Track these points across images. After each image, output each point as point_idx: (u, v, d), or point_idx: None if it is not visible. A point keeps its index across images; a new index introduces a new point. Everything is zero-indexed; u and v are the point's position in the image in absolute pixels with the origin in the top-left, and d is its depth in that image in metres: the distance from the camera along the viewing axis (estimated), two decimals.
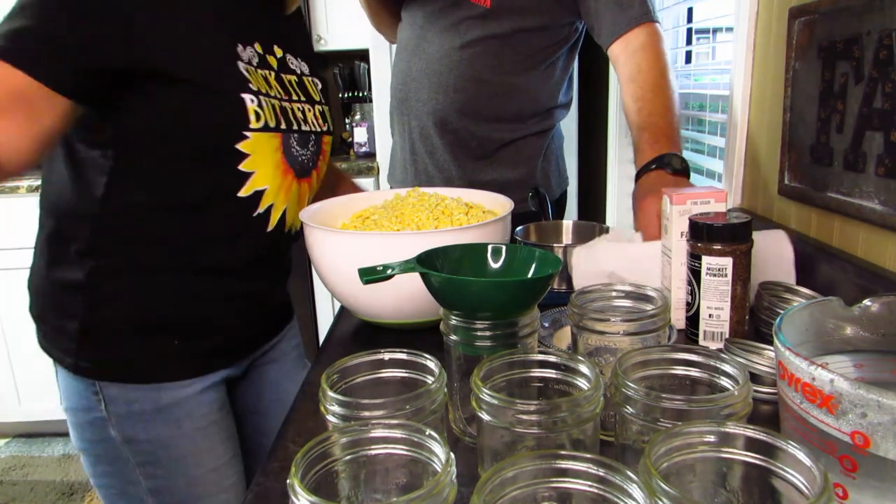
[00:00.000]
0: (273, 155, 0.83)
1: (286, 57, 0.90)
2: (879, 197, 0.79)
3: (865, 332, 0.57)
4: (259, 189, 0.83)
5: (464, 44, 1.20)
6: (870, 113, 0.79)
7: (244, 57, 0.81)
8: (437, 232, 0.83)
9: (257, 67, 0.83)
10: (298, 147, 0.88)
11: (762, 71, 1.10)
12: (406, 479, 0.44)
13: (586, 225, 1.15)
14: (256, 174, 0.82)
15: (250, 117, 0.78)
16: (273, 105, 0.82)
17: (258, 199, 0.84)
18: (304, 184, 0.92)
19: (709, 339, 0.77)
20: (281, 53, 0.89)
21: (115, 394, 0.82)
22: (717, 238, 0.74)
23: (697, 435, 0.41)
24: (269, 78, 0.84)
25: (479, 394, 0.47)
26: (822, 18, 0.88)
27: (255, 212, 0.84)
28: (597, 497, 0.37)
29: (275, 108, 0.82)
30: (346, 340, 0.90)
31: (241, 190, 0.81)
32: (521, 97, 1.25)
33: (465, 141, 1.27)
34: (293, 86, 0.90)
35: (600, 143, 2.24)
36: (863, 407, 0.41)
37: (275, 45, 0.88)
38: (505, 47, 1.21)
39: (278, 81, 0.86)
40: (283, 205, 0.88)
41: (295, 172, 0.89)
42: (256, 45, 0.84)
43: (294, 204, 0.91)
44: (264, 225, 0.86)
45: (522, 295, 0.57)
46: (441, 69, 1.23)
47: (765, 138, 1.09)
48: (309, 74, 0.95)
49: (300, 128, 0.88)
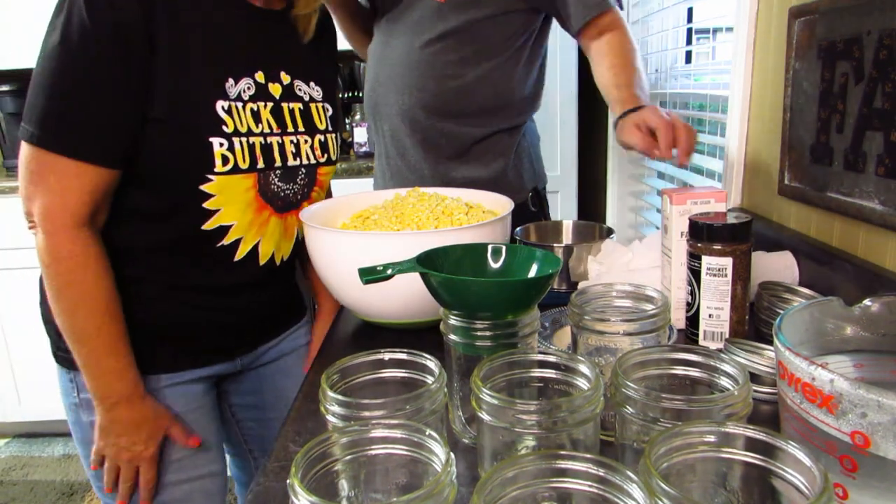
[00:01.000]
0: (243, 194, 0.83)
1: (294, 83, 0.90)
2: (879, 197, 0.79)
3: (865, 332, 0.57)
4: (225, 225, 0.84)
5: (423, 43, 1.23)
6: (870, 113, 0.79)
7: (231, 93, 0.81)
8: (437, 232, 0.83)
9: (249, 101, 0.82)
10: (281, 182, 0.88)
11: (762, 71, 1.10)
12: (406, 479, 0.44)
13: (586, 225, 1.15)
14: (222, 211, 0.82)
15: (216, 161, 0.78)
16: (253, 144, 0.82)
17: (224, 232, 0.84)
18: (291, 216, 0.92)
19: (709, 339, 0.77)
20: (288, 80, 0.89)
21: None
22: (717, 238, 0.74)
23: (697, 435, 0.41)
24: (260, 112, 0.84)
25: (479, 394, 0.47)
26: (822, 18, 0.88)
27: (219, 243, 0.84)
28: (597, 497, 0.37)
29: (253, 148, 0.82)
30: (346, 340, 0.90)
31: (205, 224, 0.82)
32: (483, 91, 1.27)
33: (434, 140, 1.30)
34: (293, 116, 0.89)
35: (600, 143, 2.24)
36: (863, 407, 0.41)
37: (282, 71, 0.88)
38: (462, 41, 1.23)
39: (274, 113, 0.86)
40: (254, 239, 0.88)
41: (274, 208, 0.88)
42: (258, 74, 0.84)
43: (274, 237, 0.90)
44: (230, 255, 0.86)
45: (523, 295, 0.57)
46: (404, 71, 1.25)
47: (765, 138, 1.09)
48: (321, 100, 0.95)
49: (285, 164, 0.87)
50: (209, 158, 0.78)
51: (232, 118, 0.80)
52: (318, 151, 0.93)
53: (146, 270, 0.84)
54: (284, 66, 0.89)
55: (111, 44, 0.72)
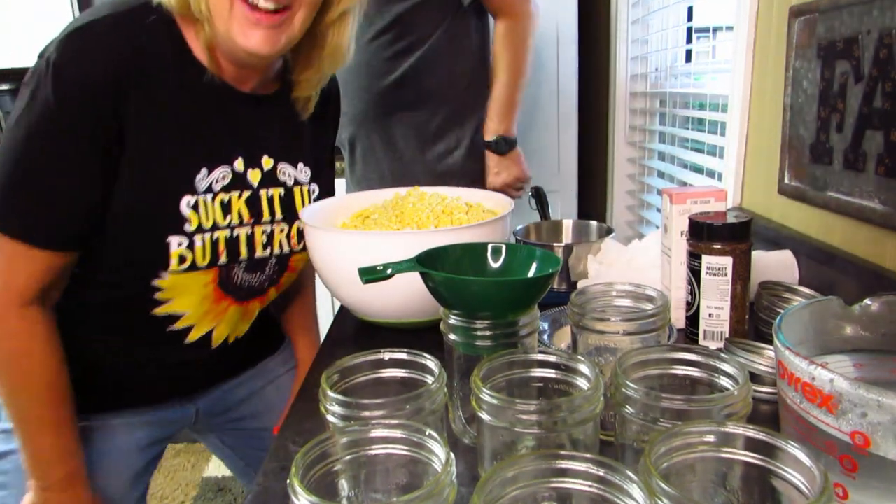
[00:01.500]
0: (201, 289, 0.80)
1: (277, 167, 0.85)
2: (879, 196, 0.79)
3: (865, 332, 0.57)
4: (177, 313, 0.80)
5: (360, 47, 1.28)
6: (870, 112, 0.79)
7: (201, 186, 0.76)
8: (437, 231, 0.83)
9: (221, 192, 0.78)
10: (246, 274, 0.84)
11: (762, 70, 1.09)
12: (406, 479, 0.44)
13: (586, 224, 1.15)
14: (174, 301, 0.79)
15: (171, 261, 0.74)
16: (216, 239, 0.77)
17: (175, 319, 0.81)
18: (253, 303, 0.88)
19: (709, 339, 0.77)
20: (271, 164, 0.84)
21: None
22: (717, 237, 0.74)
23: (697, 435, 0.41)
24: (231, 202, 0.79)
25: (479, 394, 0.47)
26: (822, 17, 0.88)
27: (169, 328, 0.81)
28: (597, 497, 0.37)
29: (216, 244, 0.77)
30: (346, 340, 0.90)
31: (155, 310, 0.79)
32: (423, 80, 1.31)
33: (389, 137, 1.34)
34: (272, 203, 0.84)
35: (600, 143, 2.24)
36: (863, 407, 0.41)
37: (265, 155, 0.83)
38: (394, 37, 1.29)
39: (249, 202, 0.81)
40: (208, 326, 0.84)
41: (235, 298, 0.85)
42: (237, 161, 0.80)
43: (231, 323, 0.87)
44: (181, 338, 0.83)
45: (522, 294, 0.57)
46: (350, 77, 1.31)
47: (765, 138, 1.09)
48: (307, 182, 0.89)
49: (252, 256, 0.82)
50: (164, 258, 0.74)
51: (197, 214, 0.75)
52: (295, 240, 0.88)
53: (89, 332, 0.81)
54: (268, 150, 0.84)
55: (76, 131, 0.67)
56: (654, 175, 1.94)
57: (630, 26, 1.98)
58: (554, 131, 2.16)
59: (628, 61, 2.01)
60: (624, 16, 1.98)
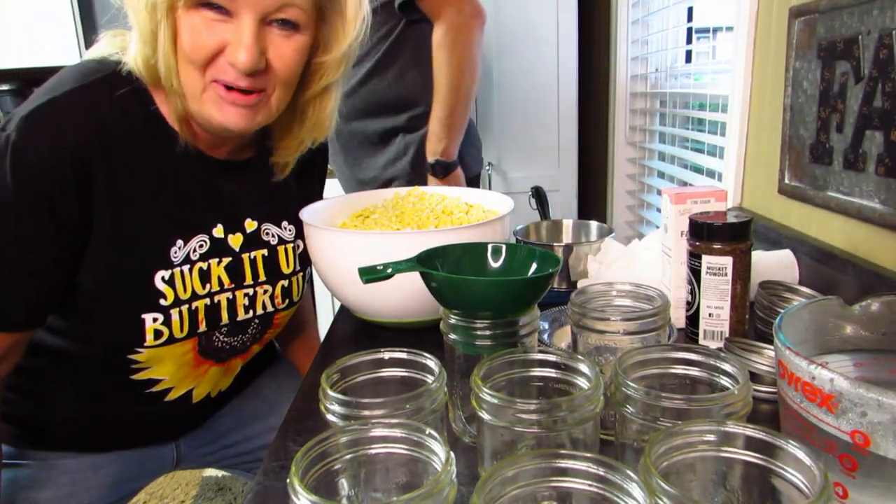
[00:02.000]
0: (179, 357, 0.78)
1: (261, 228, 0.83)
2: (879, 196, 0.79)
3: (865, 332, 0.57)
4: (155, 379, 0.79)
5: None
6: (870, 112, 0.79)
7: (176, 258, 0.73)
8: (437, 231, 0.83)
9: (199, 260, 0.76)
10: (227, 338, 0.82)
11: (762, 71, 1.10)
12: (406, 479, 0.44)
13: (586, 224, 1.15)
14: (152, 370, 0.77)
15: (147, 337, 0.72)
16: (195, 309, 0.76)
17: (154, 383, 0.79)
18: (235, 361, 0.87)
19: (709, 339, 0.77)
20: (254, 226, 0.82)
21: None
22: (717, 237, 0.74)
23: (697, 434, 0.41)
24: (210, 270, 0.77)
25: (479, 393, 0.47)
26: (822, 18, 0.88)
27: (148, 390, 0.80)
28: (597, 496, 0.37)
29: (195, 314, 0.75)
30: (346, 340, 0.90)
31: (133, 375, 0.77)
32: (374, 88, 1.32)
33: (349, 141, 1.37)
34: (255, 265, 0.82)
35: (600, 142, 2.24)
36: (863, 406, 0.41)
37: (248, 218, 0.81)
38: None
39: (229, 269, 0.79)
40: (188, 387, 0.83)
41: (216, 360, 0.83)
42: (216, 228, 0.78)
43: (212, 381, 0.86)
44: (161, 397, 0.82)
45: (522, 294, 0.57)
46: None
47: (765, 138, 1.09)
48: (292, 240, 0.87)
49: (234, 320, 0.81)
50: (139, 334, 0.72)
51: (173, 288, 0.73)
52: (279, 299, 0.86)
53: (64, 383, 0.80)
54: (251, 213, 0.82)
55: (35, 215, 0.64)
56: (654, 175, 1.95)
57: (630, 27, 1.98)
58: (554, 131, 2.16)
59: (628, 62, 2.01)
60: (624, 16, 1.98)
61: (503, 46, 2.07)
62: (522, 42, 2.07)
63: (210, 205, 0.78)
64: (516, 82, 2.11)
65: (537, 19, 2.06)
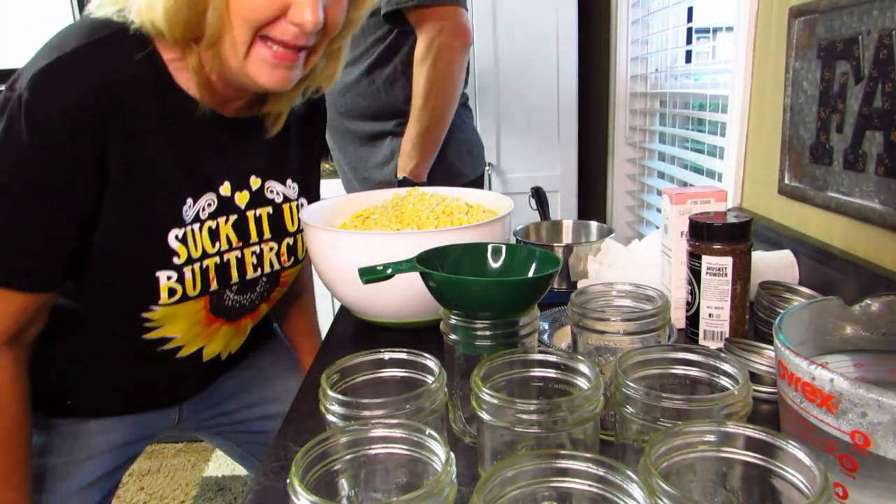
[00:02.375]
0: (191, 316, 0.79)
1: (265, 186, 0.83)
2: (879, 197, 0.79)
3: (865, 332, 0.57)
4: (167, 337, 0.80)
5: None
6: (870, 112, 0.79)
7: (188, 216, 0.74)
8: (437, 232, 0.83)
9: (208, 219, 0.76)
10: (237, 295, 0.83)
11: (762, 71, 1.10)
12: (406, 479, 0.44)
13: (586, 224, 1.15)
14: (165, 328, 0.78)
15: (161, 295, 0.73)
16: (206, 268, 0.76)
17: (166, 341, 0.80)
18: (245, 320, 0.88)
19: (709, 339, 0.77)
20: (259, 183, 0.82)
21: None
22: (717, 237, 0.74)
23: (697, 434, 0.41)
24: (219, 228, 0.77)
25: (479, 393, 0.47)
26: (822, 18, 0.88)
27: (159, 348, 0.80)
28: (597, 497, 0.37)
29: (206, 272, 0.76)
30: (346, 340, 0.90)
31: (145, 335, 0.78)
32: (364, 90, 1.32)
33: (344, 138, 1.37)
34: (260, 224, 0.83)
35: (600, 142, 2.24)
36: (863, 406, 0.41)
37: (253, 175, 0.82)
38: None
39: (236, 226, 0.80)
40: (199, 345, 0.84)
41: (227, 318, 0.84)
42: (224, 186, 0.78)
43: (223, 340, 0.87)
44: (171, 354, 0.82)
45: (522, 294, 0.57)
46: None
47: (765, 138, 1.09)
48: (295, 198, 0.88)
49: (243, 278, 0.82)
50: (153, 293, 0.72)
51: (186, 246, 0.73)
52: (285, 256, 0.87)
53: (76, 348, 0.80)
54: (256, 170, 0.82)
55: (52, 170, 0.64)
56: (654, 175, 1.95)
57: (630, 27, 1.98)
58: (554, 131, 2.16)
59: (628, 62, 2.01)
60: (624, 16, 1.98)
61: (503, 47, 2.07)
62: (522, 42, 2.07)
63: (218, 163, 0.78)
64: (516, 82, 2.10)
65: (537, 19, 2.06)
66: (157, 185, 0.71)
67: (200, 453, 2.25)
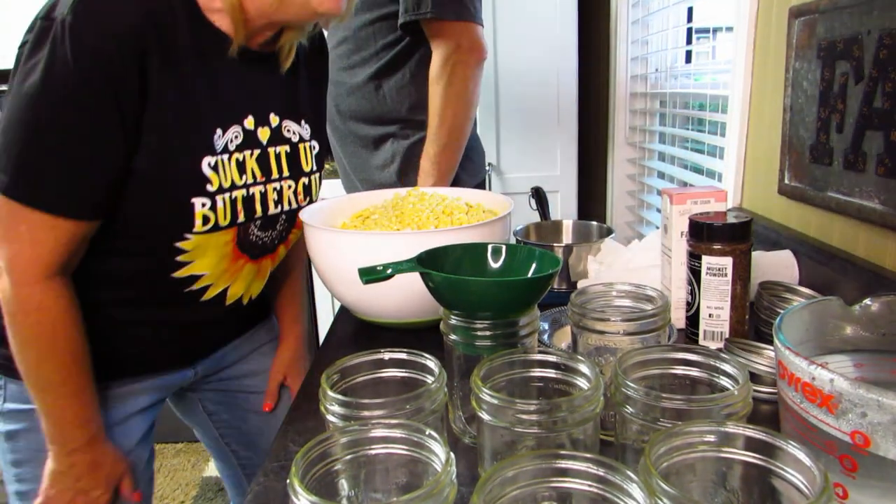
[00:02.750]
0: (221, 248, 0.80)
1: (283, 124, 0.85)
2: (879, 197, 0.79)
3: (865, 332, 0.57)
4: (196, 274, 0.80)
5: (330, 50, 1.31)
6: (870, 112, 0.79)
7: (218, 145, 0.76)
8: (437, 232, 0.83)
9: (235, 151, 0.78)
10: (260, 231, 0.84)
11: (762, 71, 1.10)
12: (406, 479, 0.44)
13: (586, 225, 1.15)
14: (195, 263, 0.79)
15: (196, 222, 0.74)
16: (235, 199, 0.78)
17: (194, 280, 0.81)
18: (265, 261, 0.89)
19: (709, 339, 0.77)
20: (277, 121, 0.84)
21: (14, 390, 0.81)
22: (717, 238, 0.74)
23: (697, 435, 0.41)
24: (245, 161, 0.79)
25: (479, 393, 0.47)
26: (822, 18, 0.88)
27: (187, 289, 0.81)
28: (597, 497, 0.37)
29: (235, 203, 0.78)
30: (346, 340, 0.90)
31: (175, 273, 0.79)
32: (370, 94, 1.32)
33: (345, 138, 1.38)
34: (279, 161, 0.84)
35: (600, 143, 2.24)
36: (863, 406, 0.41)
37: (272, 113, 0.84)
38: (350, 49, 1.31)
39: (259, 161, 0.81)
40: (225, 284, 0.85)
41: (250, 256, 0.85)
42: (248, 120, 0.80)
43: (246, 281, 0.88)
44: (198, 297, 0.83)
45: (522, 294, 0.57)
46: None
47: (765, 138, 1.09)
48: (308, 139, 0.90)
49: (266, 213, 0.83)
50: (189, 219, 0.74)
51: (217, 174, 0.75)
52: (301, 195, 0.89)
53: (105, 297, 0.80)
54: (274, 107, 0.84)
55: (99, 92, 0.65)
56: (654, 175, 1.95)
57: (630, 27, 1.98)
58: (554, 131, 2.16)
59: (628, 62, 2.01)
60: (624, 16, 1.98)
61: (503, 47, 2.07)
62: (522, 42, 2.07)
63: (243, 96, 0.80)
64: (516, 83, 2.11)
65: (537, 20, 2.06)
66: (190, 112, 0.73)
67: (200, 453, 2.25)
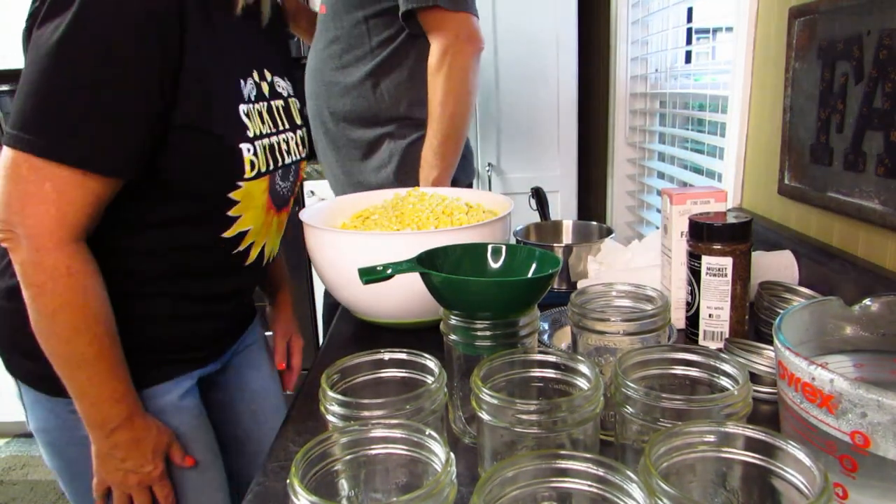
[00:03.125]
0: (260, 197, 0.81)
1: (274, 80, 0.87)
2: (879, 197, 0.79)
3: (865, 332, 0.57)
4: (243, 230, 0.82)
5: (318, 50, 1.32)
6: (870, 113, 0.79)
7: (245, 94, 0.77)
8: (437, 232, 0.83)
9: (255, 101, 0.79)
10: (281, 181, 0.86)
11: (762, 71, 1.10)
12: (406, 479, 0.44)
13: (586, 225, 1.15)
14: (243, 217, 0.80)
15: (245, 168, 0.75)
16: (265, 147, 0.79)
17: (241, 239, 0.82)
18: (283, 214, 0.91)
19: (709, 339, 0.77)
20: (270, 77, 0.86)
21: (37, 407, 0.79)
22: (717, 238, 0.74)
23: (697, 435, 0.41)
24: (262, 113, 0.81)
25: (479, 393, 0.47)
26: (822, 18, 0.88)
27: (235, 250, 0.82)
28: (597, 497, 0.37)
29: (265, 151, 0.79)
30: (346, 340, 0.90)
31: (226, 231, 0.79)
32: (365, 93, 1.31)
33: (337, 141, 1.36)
34: (280, 114, 0.86)
35: (600, 143, 2.24)
36: (863, 407, 0.41)
37: (265, 69, 0.85)
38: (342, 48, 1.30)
39: (269, 113, 0.83)
40: (262, 240, 0.87)
41: (276, 207, 0.87)
42: (255, 73, 0.81)
43: (273, 236, 0.90)
44: (243, 260, 0.85)
45: (522, 294, 0.57)
46: (310, 77, 1.35)
47: (765, 138, 1.09)
48: (293, 95, 0.92)
49: (284, 162, 0.85)
50: (240, 165, 0.74)
51: (251, 122, 0.77)
52: (300, 147, 0.91)
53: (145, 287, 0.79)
54: (268, 65, 0.86)
55: (143, 33, 0.63)
56: (654, 175, 1.95)
57: (630, 27, 1.98)
58: (554, 132, 2.16)
59: (628, 62, 2.01)
60: (624, 17, 1.98)
61: (503, 48, 2.07)
62: (522, 43, 2.07)
63: (249, 51, 0.82)
64: (516, 83, 2.11)
65: (537, 20, 2.06)
66: (221, 63, 0.74)
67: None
